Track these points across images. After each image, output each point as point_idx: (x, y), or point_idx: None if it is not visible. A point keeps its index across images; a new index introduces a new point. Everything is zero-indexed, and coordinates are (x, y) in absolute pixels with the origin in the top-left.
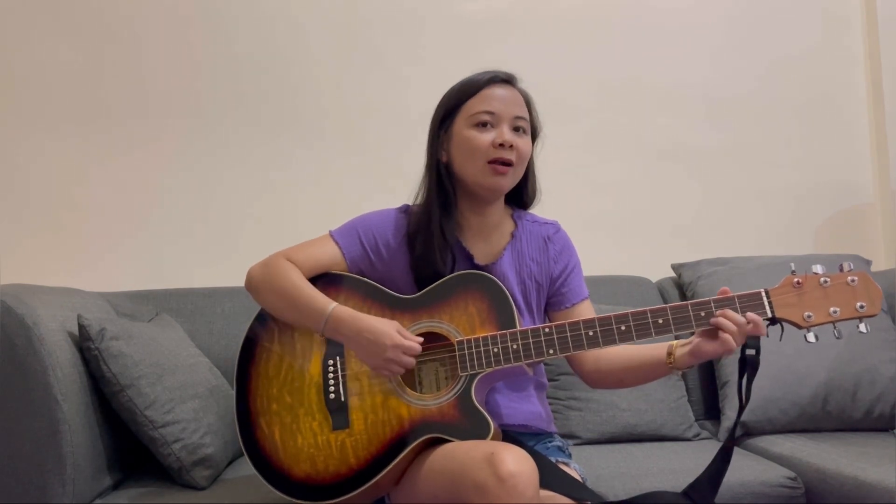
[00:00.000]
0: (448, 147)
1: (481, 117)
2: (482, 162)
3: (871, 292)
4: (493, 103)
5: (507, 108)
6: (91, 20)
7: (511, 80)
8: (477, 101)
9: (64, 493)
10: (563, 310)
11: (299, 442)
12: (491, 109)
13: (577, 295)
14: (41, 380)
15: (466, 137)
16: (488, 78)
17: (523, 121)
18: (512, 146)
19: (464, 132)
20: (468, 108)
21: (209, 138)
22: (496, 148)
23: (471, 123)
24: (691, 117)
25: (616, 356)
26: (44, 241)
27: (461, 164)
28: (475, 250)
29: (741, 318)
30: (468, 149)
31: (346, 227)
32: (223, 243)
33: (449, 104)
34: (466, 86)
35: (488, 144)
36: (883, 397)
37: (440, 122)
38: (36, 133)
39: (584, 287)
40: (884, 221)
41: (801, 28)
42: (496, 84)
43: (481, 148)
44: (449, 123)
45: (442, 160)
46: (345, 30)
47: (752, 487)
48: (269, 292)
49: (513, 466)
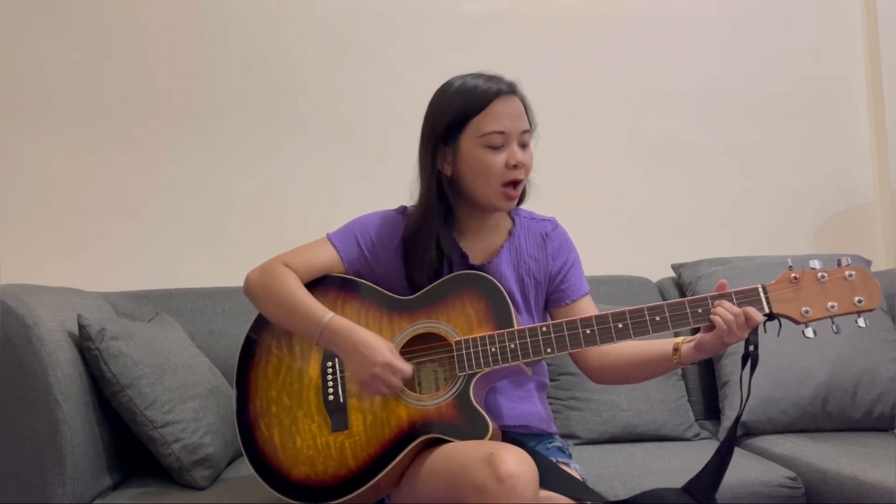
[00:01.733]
0: (454, 161)
1: (494, 139)
2: (496, 184)
3: (868, 287)
4: (504, 122)
5: (515, 125)
6: (91, 21)
7: (514, 90)
8: (487, 119)
9: (64, 493)
10: (564, 306)
11: (298, 443)
12: (503, 130)
13: (577, 291)
14: (41, 380)
15: (480, 160)
16: (495, 90)
17: (528, 134)
18: (522, 164)
19: (476, 153)
20: (478, 125)
21: (210, 138)
22: (509, 169)
23: (483, 144)
24: (691, 117)
25: (622, 352)
26: (44, 241)
27: (473, 183)
28: (472, 250)
29: (736, 308)
30: (482, 171)
31: (344, 229)
32: (223, 243)
33: (453, 116)
34: (472, 99)
35: (502, 166)
36: (883, 397)
37: (443, 134)
38: (36, 133)
39: (585, 283)
40: (884, 221)
41: (801, 28)
42: (503, 97)
43: (495, 171)
44: (455, 138)
45: (444, 173)
46: (342, 29)
47: (752, 487)
48: (267, 299)
49: (512, 467)
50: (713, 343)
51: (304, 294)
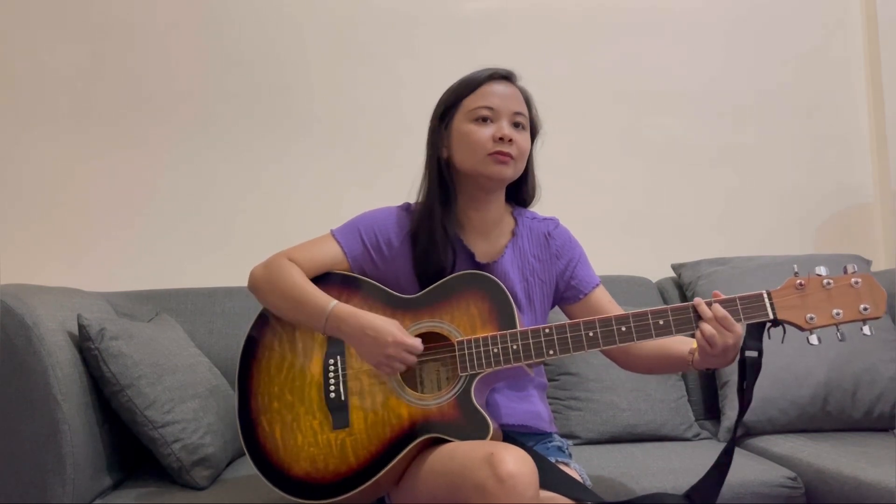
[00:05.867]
0: (448, 143)
1: (480, 112)
2: (482, 155)
3: (875, 294)
4: (492, 99)
5: (506, 104)
6: (89, 20)
7: (510, 77)
8: (476, 96)
9: (64, 493)
10: (579, 301)
11: (299, 440)
12: (490, 105)
13: (587, 284)
14: (41, 380)
15: (466, 132)
16: (487, 75)
17: (522, 117)
18: (511, 140)
19: (463, 127)
20: (467, 103)
21: (209, 137)
22: (496, 142)
23: (470, 118)
24: (691, 117)
25: (646, 346)
26: (44, 241)
27: (462, 158)
28: (476, 248)
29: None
30: (468, 143)
31: (348, 225)
32: (223, 243)
33: (448, 100)
34: (466, 82)
35: (488, 138)
36: (883, 397)
37: (440, 119)
38: (34, 132)
39: (594, 275)
40: (884, 221)
41: (802, 29)
42: (495, 80)
43: (480, 141)
44: (448, 119)
45: (442, 156)
46: (340, 28)
47: (752, 487)
48: (271, 292)
49: (513, 467)
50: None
51: (308, 285)
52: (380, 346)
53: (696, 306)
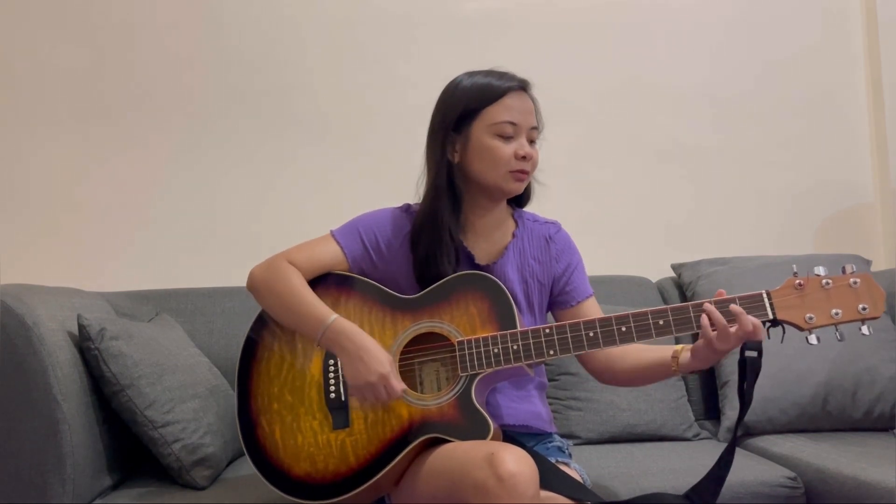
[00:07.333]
0: (463, 150)
1: (504, 129)
2: (504, 171)
3: (873, 294)
4: (515, 115)
5: (526, 119)
6: (91, 20)
7: (526, 88)
8: (499, 109)
9: (64, 493)
10: (569, 308)
11: (299, 441)
12: (513, 121)
13: (581, 293)
14: (41, 380)
15: (490, 146)
16: (508, 86)
17: (536, 131)
18: (530, 158)
19: (486, 140)
20: (490, 115)
21: (209, 138)
22: (518, 160)
23: (493, 132)
24: (691, 117)
25: (624, 357)
26: (44, 241)
27: (481, 170)
28: (476, 250)
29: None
30: (491, 158)
31: (348, 226)
32: (223, 243)
33: (467, 106)
34: (487, 90)
35: (510, 156)
36: (883, 397)
37: (455, 123)
38: (35, 132)
39: (588, 285)
40: (884, 221)
41: (801, 28)
42: (516, 91)
43: (504, 158)
44: (466, 126)
45: (453, 160)
46: (340, 28)
47: (752, 487)
48: (269, 296)
49: (513, 466)
50: (706, 349)
51: (307, 293)
52: (366, 373)
53: (708, 313)
